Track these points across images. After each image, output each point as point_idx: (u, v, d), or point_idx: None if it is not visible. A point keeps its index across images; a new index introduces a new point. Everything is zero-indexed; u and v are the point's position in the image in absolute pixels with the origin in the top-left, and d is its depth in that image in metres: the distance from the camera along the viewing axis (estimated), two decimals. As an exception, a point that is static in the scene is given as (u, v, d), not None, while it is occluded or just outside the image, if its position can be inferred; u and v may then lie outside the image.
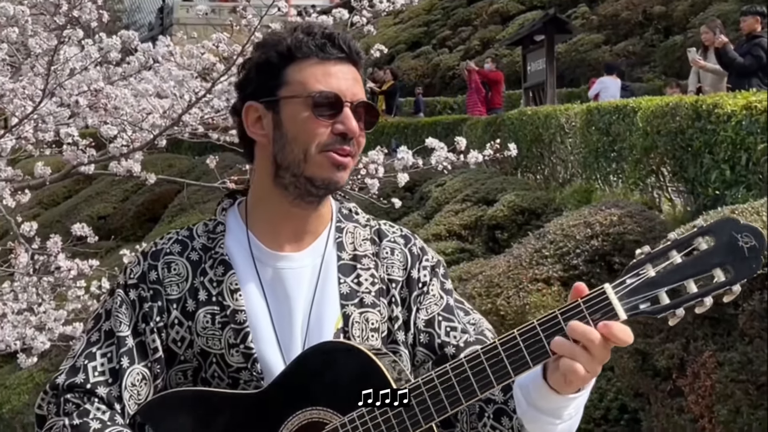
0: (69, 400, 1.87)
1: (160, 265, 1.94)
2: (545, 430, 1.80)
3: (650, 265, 1.68)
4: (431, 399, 1.73)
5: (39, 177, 5.33)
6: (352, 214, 2.06)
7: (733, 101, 6.76)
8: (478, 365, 1.72)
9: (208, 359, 1.90)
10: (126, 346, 1.90)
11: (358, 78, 1.93)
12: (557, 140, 11.22)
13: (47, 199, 21.24)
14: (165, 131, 5.01)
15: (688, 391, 5.22)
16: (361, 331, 1.92)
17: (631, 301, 1.67)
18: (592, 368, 1.68)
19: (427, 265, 2.03)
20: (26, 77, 5.01)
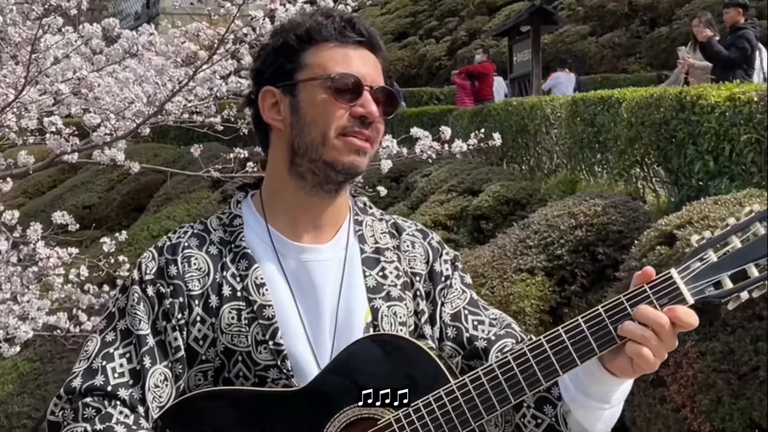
0: (88, 404, 1.76)
1: (179, 260, 1.86)
2: (592, 415, 1.80)
3: (712, 250, 1.70)
4: (492, 390, 1.71)
5: (22, 166, 5.31)
6: (367, 207, 2.03)
7: (717, 93, 6.78)
8: (541, 353, 1.71)
9: (233, 358, 1.83)
10: (147, 345, 1.81)
11: (377, 64, 1.90)
12: (542, 131, 11.24)
13: (32, 189, 21.17)
14: (148, 119, 4.99)
15: (670, 381, 5.23)
16: (390, 325, 1.88)
17: (696, 285, 1.69)
18: (660, 353, 1.69)
19: (448, 259, 2.01)
20: (8, 66, 4.99)
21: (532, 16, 15.42)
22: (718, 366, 4.93)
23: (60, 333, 7.00)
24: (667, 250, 5.24)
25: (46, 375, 12.80)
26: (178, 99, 5.12)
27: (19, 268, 6.09)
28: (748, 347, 4.80)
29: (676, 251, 5.16)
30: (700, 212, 5.34)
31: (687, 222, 5.30)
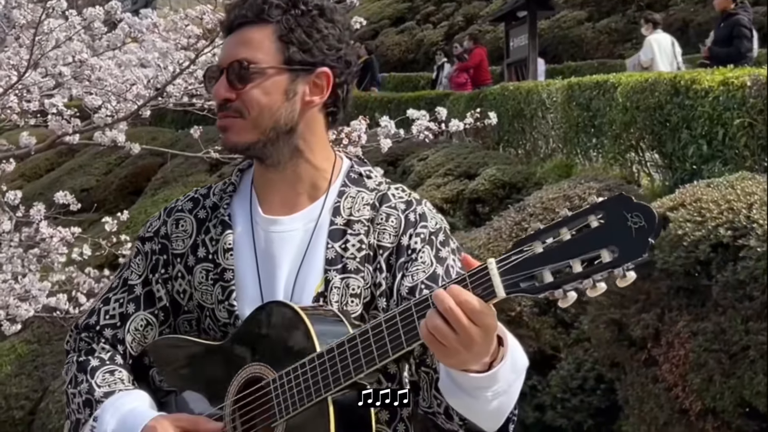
0: (83, 338, 2.09)
1: (170, 221, 2.08)
2: (465, 407, 1.81)
3: (539, 241, 1.59)
4: (340, 363, 1.75)
5: (24, 147, 5.37)
6: (363, 178, 2.06)
7: (711, 77, 6.85)
8: (378, 333, 1.72)
9: (204, 312, 2.02)
10: (134, 293, 2.07)
11: (244, 38, 1.96)
12: (538, 115, 11.28)
13: (29, 172, 21.17)
14: (149, 101, 5.05)
15: (662, 361, 5.30)
16: (340, 296, 1.94)
17: (512, 278, 1.60)
18: (452, 345, 1.62)
19: (423, 232, 1.98)
20: (11, 48, 5.04)
21: (528, 2, 15.37)
22: (710, 346, 5.00)
23: (59, 314, 7.07)
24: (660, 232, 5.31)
25: (44, 357, 12.86)
26: (179, 81, 5.19)
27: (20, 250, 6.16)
28: (739, 327, 4.86)
29: (668, 233, 5.23)
30: (692, 195, 5.41)
31: (680, 205, 5.37)
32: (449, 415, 1.88)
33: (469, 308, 1.60)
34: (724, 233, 4.95)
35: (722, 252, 5.00)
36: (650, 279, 5.35)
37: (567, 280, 1.56)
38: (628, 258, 1.51)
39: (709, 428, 5.08)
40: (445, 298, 1.60)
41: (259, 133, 1.95)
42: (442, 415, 1.90)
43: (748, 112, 6.27)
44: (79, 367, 2.03)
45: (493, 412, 1.80)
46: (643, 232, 1.52)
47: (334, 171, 2.04)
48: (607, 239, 1.53)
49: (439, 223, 2.03)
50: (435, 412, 1.92)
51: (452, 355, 1.64)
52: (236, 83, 1.93)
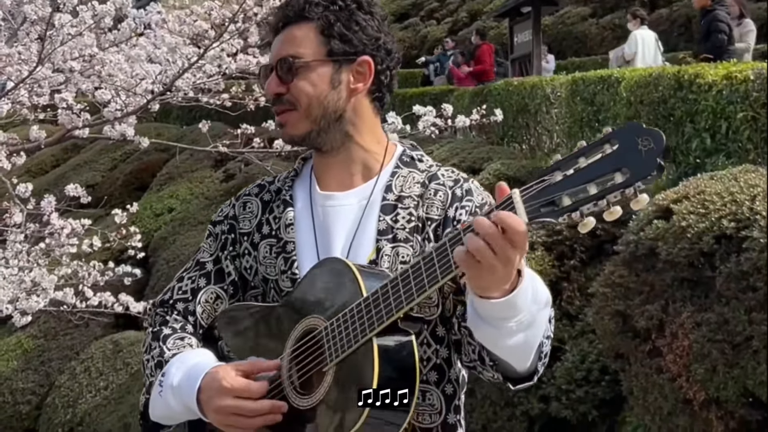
0: (158, 313, 2.30)
1: (238, 204, 2.30)
2: (490, 340, 1.93)
3: (558, 171, 1.71)
4: (383, 303, 1.88)
5: (34, 140, 5.42)
6: (414, 161, 2.24)
7: (714, 71, 6.88)
8: (417, 271, 1.85)
9: (268, 284, 2.20)
10: (205, 270, 2.29)
11: (294, 36, 2.16)
12: (543, 110, 11.32)
13: (35, 168, 21.19)
14: (158, 96, 5.11)
15: (666, 351, 5.33)
16: (390, 263, 2.10)
17: (534, 203, 1.72)
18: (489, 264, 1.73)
19: (468, 205, 2.15)
20: (21, 43, 5.09)
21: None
22: (713, 336, 5.02)
23: (66, 308, 7.12)
24: (664, 224, 5.34)
25: (50, 352, 12.91)
26: (187, 76, 5.24)
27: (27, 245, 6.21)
28: (742, 317, 4.89)
29: (672, 225, 5.27)
30: (696, 187, 5.44)
31: (683, 197, 5.41)
32: (482, 359, 2.02)
33: (510, 227, 1.70)
34: (728, 225, 4.98)
35: (725, 243, 5.03)
36: (654, 270, 5.39)
37: (583, 202, 1.67)
38: (639, 177, 1.63)
39: (712, 418, 5.11)
40: (486, 222, 1.72)
41: (311, 123, 2.15)
42: (477, 362, 2.05)
43: (752, 106, 6.31)
44: (153, 336, 2.23)
45: (518, 346, 1.91)
46: (652, 153, 1.63)
47: (387, 154, 2.23)
48: (620, 162, 1.65)
49: (486, 199, 2.20)
50: (473, 361, 2.07)
51: (485, 275, 1.76)
52: (285, 78, 2.13)
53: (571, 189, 1.68)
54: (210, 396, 2.01)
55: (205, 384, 2.03)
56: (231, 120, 6.87)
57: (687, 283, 5.27)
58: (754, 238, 4.82)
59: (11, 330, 13.70)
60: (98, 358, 12.00)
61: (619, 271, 5.63)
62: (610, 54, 14.36)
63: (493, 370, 2.02)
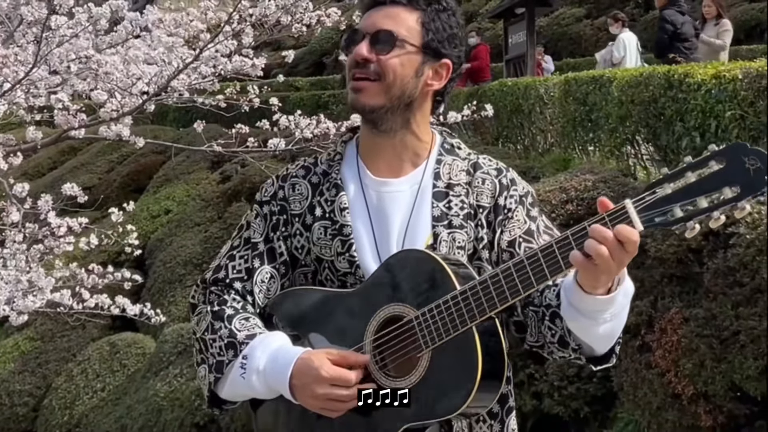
0: (213, 291, 2.35)
1: (287, 186, 2.38)
2: (584, 330, 2.11)
3: (667, 184, 1.89)
4: (485, 296, 2.04)
5: (31, 141, 5.47)
6: (455, 149, 2.39)
7: (703, 71, 6.93)
8: (521, 269, 2.01)
9: (322, 264, 2.30)
10: (258, 250, 2.36)
11: (395, 14, 2.26)
12: (536, 110, 11.38)
13: (32, 171, 21.21)
14: (153, 96, 5.16)
15: (655, 347, 5.40)
16: (447, 248, 2.25)
17: (647, 214, 1.89)
18: (607, 267, 1.90)
19: (515, 194, 2.33)
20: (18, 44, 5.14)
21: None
22: (701, 331, 5.09)
23: (63, 310, 7.15)
24: (652, 221, 5.41)
25: (47, 354, 12.90)
26: (182, 77, 5.30)
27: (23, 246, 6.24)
28: (729, 313, 4.96)
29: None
30: (684, 185, 5.51)
31: (672, 194, 5.47)
32: (564, 343, 2.18)
33: (627, 238, 1.88)
34: (715, 221, 5.05)
35: (713, 240, 5.11)
36: (644, 267, 5.47)
37: (695, 214, 1.86)
38: (749, 193, 1.82)
39: (700, 412, 5.17)
40: (604, 230, 1.89)
41: (387, 99, 2.24)
42: (555, 344, 2.21)
43: (740, 105, 6.37)
44: (215, 315, 2.28)
45: (606, 333, 2.11)
46: (760, 172, 1.81)
47: (432, 142, 2.36)
48: (728, 179, 1.83)
49: (526, 188, 2.40)
50: (545, 344, 2.24)
51: (599, 276, 1.94)
52: (381, 48, 2.23)
53: (683, 201, 1.86)
54: (305, 383, 2.12)
55: (298, 371, 2.13)
56: (226, 121, 6.92)
57: (676, 279, 5.35)
58: (740, 235, 4.90)
59: (8, 332, 13.72)
60: (95, 360, 12.01)
61: (609, 268, 5.69)
62: (597, 56, 14.54)
63: (575, 352, 2.19)
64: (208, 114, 6.17)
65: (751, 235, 4.83)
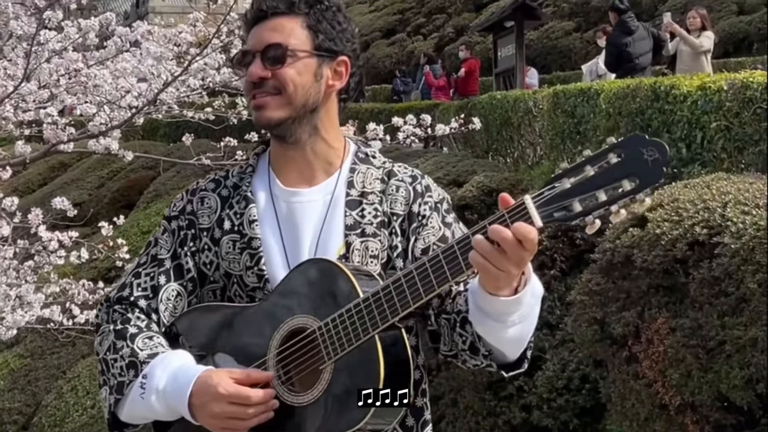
0: (116, 310, 2.27)
1: (195, 200, 2.32)
2: (493, 333, 2.06)
3: (567, 178, 1.85)
4: (387, 303, 1.99)
5: (19, 155, 5.49)
6: (369, 157, 2.34)
7: (689, 82, 6.98)
8: (423, 272, 1.97)
9: (231, 279, 2.24)
10: (164, 267, 2.28)
11: (281, 26, 2.22)
12: (526, 123, 11.42)
13: (22, 186, 21.18)
14: (142, 109, 5.19)
15: (642, 357, 5.39)
16: (360, 257, 2.20)
17: (546, 209, 1.85)
18: (503, 266, 1.87)
19: (429, 201, 2.28)
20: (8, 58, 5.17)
21: (515, 12, 15.51)
22: (687, 341, 5.08)
23: (53, 326, 7.15)
24: (639, 231, 5.43)
25: (36, 371, 12.84)
26: (171, 90, 5.32)
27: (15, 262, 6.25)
28: (715, 323, 4.95)
29: (647, 233, 5.36)
30: (670, 195, 5.53)
31: (658, 205, 5.49)
32: (474, 349, 2.13)
33: (524, 236, 1.84)
34: (700, 231, 5.07)
35: (698, 250, 5.11)
36: (630, 278, 5.48)
37: (594, 208, 1.82)
38: (647, 184, 1.79)
39: (688, 422, 5.17)
40: (502, 230, 1.84)
41: (291, 110, 2.21)
42: (467, 352, 2.15)
43: (725, 116, 6.41)
44: (118, 334, 2.20)
45: (516, 337, 2.07)
46: (658, 163, 1.78)
47: (345, 150, 2.32)
48: (628, 171, 1.80)
49: (442, 194, 2.34)
50: (458, 352, 2.18)
51: (500, 277, 1.90)
52: (273, 63, 2.19)
53: (582, 195, 1.83)
54: (205, 401, 2.06)
55: (198, 389, 2.07)
56: (216, 135, 6.96)
57: (662, 289, 5.35)
58: (725, 244, 4.91)
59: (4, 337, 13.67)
60: (85, 377, 11.95)
61: (596, 279, 5.71)
62: (583, 68, 14.65)
63: (486, 359, 2.13)
64: (198, 128, 6.21)
65: (735, 244, 4.84)
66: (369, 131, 5.51)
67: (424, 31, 31.27)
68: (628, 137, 1.83)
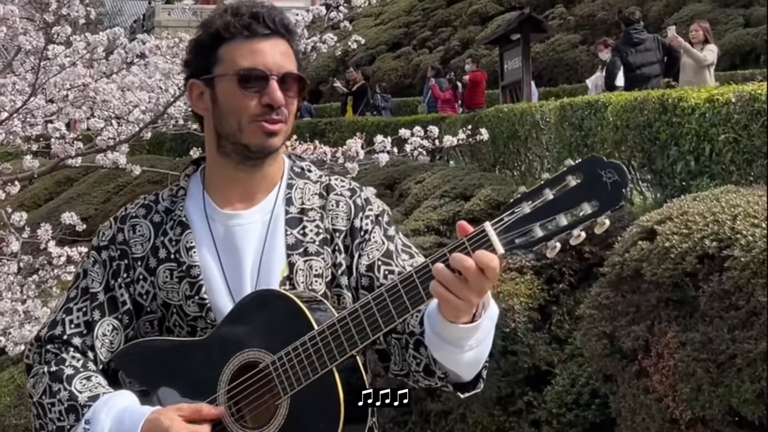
0: (49, 350, 2.13)
1: (126, 228, 2.18)
2: (450, 358, 2.00)
3: (526, 203, 1.80)
4: (344, 335, 1.92)
5: (27, 170, 5.49)
6: (305, 171, 2.25)
7: (697, 95, 6.97)
8: (382, 302, 1.90)
9: (170, 310, 2.13)
10: (98, 300, 2.14)
11: (286, 51, 2.13)
12: (533, 136, 11.41)
13: (29, 201, 21.21)
14: (150, 123, 5.19)
15: (652, 371, 5.36)
16: (305, 277, 2.12)
17: (508, 236, 1.80)
18: (465, 295, 1.81)
19: (370, 215, 2.21)
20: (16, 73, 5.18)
21: (521, 24, 15.54)
22: (698, 355, 5.05)
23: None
24: (648, 245, 5.40)
25: (44, 387, 12.87)
26: (179, 104, 5.33)
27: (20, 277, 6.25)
28: (726, 336, 4.92)
29: (656, 246, 5.33)
30: (679, 208, 5.51)
31: (667, 218, 5.47)
32: (429, 371, 2.07)
33: (486, 265, 1.78)
34: (710, 244, 5.04)
35: (708, 263, 5.09)
36: (640, 291, 5.45)
37: (555, 233, 1.78)
38: (608, 207, 1.75)
39: (699, 437, 5.15)
40: (465, 259, 1.79)
41: (285, 138, 2.14)
42: (421, 373, 2.08)
43: (733, 128, 6.39)
44: (53, 377, 2.07)
45: (472, 360, 2.01)
46: (617, 185, 1.75)
47: (282, 167, 2.23)
48: (587, 194, 1.77)
49: (381, 206, 2.26)
50: (410, 372, 2.11)
51: (460, 305, 1.83)
52: (289, 92, 2.11)
53: (543, 220, 1.78)
54: None
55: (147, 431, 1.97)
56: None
57: (672, 303, 5.32)
58: (735, 257, 4.88)
59: (3, 365, 13.65)
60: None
61: (605, 293, 5.69)
62: (588, 82, 14.67)
63: (441, 381, 2.08)
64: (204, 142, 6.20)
65: (745, 257, 4.82)
66: (377, 143, 5.51)
67: (430, 44, 31.34)
68: (585, 159, 1.80)
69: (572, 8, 26.62)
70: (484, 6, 30.49)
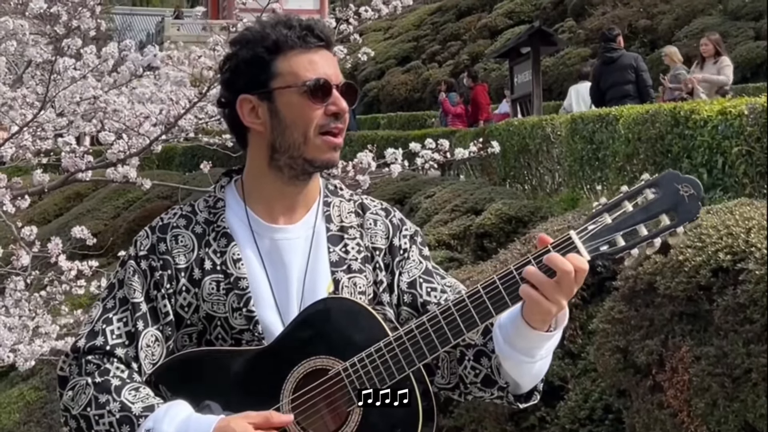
0: (90, 361, 2.06)
1: (168, 238, 2.15)
2: (519, 368, 2.05)
3: (607, 214, 1.96)
4: (423, 340, 1.98)
5: (38, 184, 5.48)
6: (337, 189, 2.28)
7: (709, 107, 6.95)
8: (463, 308, 1.98)
9: (213, 322, 2.12)
10: (140, 311, 2.10)
11: (335, 61, 2.17)
12: (544, 150, 11.39)
13: (38, 217, 21.23)
14: (161, 136, 5.18)
15: (667, 386, 5.33)
16: (350, 294, 2.14)
17: (592, 244, 1.94)
18: (555, 298, 1.91)
19: (407, 234, 2.26)
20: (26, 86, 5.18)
21: (531, 38, 15.55)
22: (713, 370, 5.02)
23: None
24: (661, 258, 5.37)
25: (52, 403, 12.83)
26: (189, 117, 5.32)
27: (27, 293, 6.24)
28: (741, 350, 4.89)
29: (670, 259, 5.30)
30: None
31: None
32: (489, 382, 2.12)
33: (579, 268, 1.91)
34: (724, 258, 5.01)
35: (722, 276, 5.05)
36: (653, 305, 5.41)
37: (638, 242, 1.94)
38: (686, 219, 1.93)
39: (714, 452, 5.10)
40: (563, 260, 1.90)
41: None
42: (477, 384, 2.14)
43: (746, 140, 6.36)
44: (99, 387, 2.01)
45: (537, 370, 2.09)
46: (694, 198, 1.93)
47: (319, 184, 2.25)
48: (665, 206, 1.93)
49: (414, 227, 2.32)
50: (461, 383, 2.16)
51: (551, 309, 1.93)
52: (349, 102, 2.14)
53: (624, 230, 1.94)
54: None
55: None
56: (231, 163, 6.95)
57: (686, 317, 5.29)
58: (750, 271, 4.85)
59: (13, 382, 13.67)
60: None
61: (618, 307, 5.65)
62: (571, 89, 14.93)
63: (502, 391, 2.13)
64: (214, 157, 6.19)
65: (760, 270, 4.78)
66: (388, 156, 5.50)
67: (439, 58, 31.37)
68: (663, 174, 1.96)
69: (582, 22, 26.60)
70: (494, 20, 30.52)
